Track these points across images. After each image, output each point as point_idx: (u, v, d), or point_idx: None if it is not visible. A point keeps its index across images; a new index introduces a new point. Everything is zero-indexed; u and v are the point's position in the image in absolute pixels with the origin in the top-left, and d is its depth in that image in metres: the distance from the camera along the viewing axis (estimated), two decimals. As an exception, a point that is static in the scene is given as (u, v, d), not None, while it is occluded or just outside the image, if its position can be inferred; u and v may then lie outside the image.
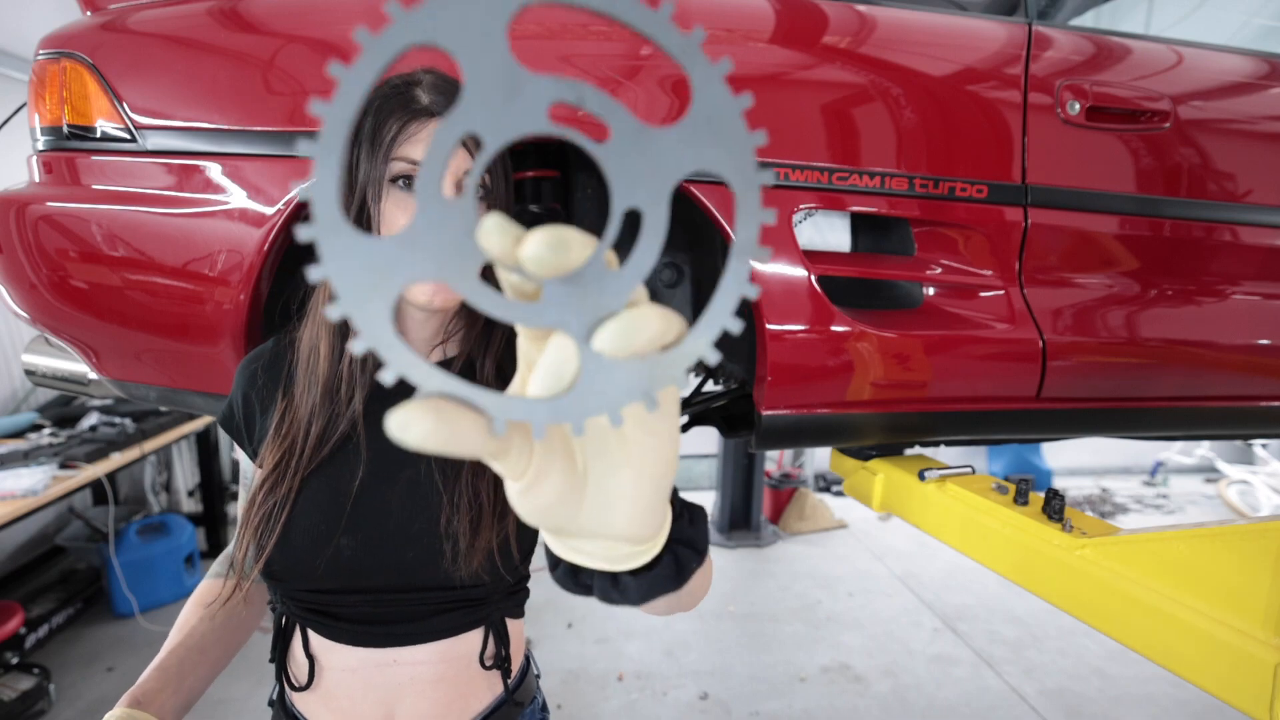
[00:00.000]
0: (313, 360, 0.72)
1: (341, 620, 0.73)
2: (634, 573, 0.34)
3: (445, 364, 0.77)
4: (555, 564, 0.36)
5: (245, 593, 0.78)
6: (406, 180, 0.67)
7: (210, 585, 0.81)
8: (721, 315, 0.22)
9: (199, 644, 0.75)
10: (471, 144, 0.67)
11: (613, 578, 0.34)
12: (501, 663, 0.77)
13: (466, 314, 0.77)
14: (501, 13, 0.19)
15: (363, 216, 0.68)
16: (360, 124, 0.68)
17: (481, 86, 0.19)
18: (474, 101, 0.19)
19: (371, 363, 0.72)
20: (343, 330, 0.71)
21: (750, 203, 0.22)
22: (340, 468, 0.72)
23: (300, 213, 0.94)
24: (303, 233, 0.19)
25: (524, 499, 0.26)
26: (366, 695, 0.73)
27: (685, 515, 0.38)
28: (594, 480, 0.27)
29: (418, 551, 0.71)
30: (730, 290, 0.22)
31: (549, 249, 0.20)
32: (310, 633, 0.75)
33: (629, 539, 0.29)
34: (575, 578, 0.35)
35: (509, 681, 0.78)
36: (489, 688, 0.77)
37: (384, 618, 0.72)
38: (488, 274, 0.52)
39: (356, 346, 0.20)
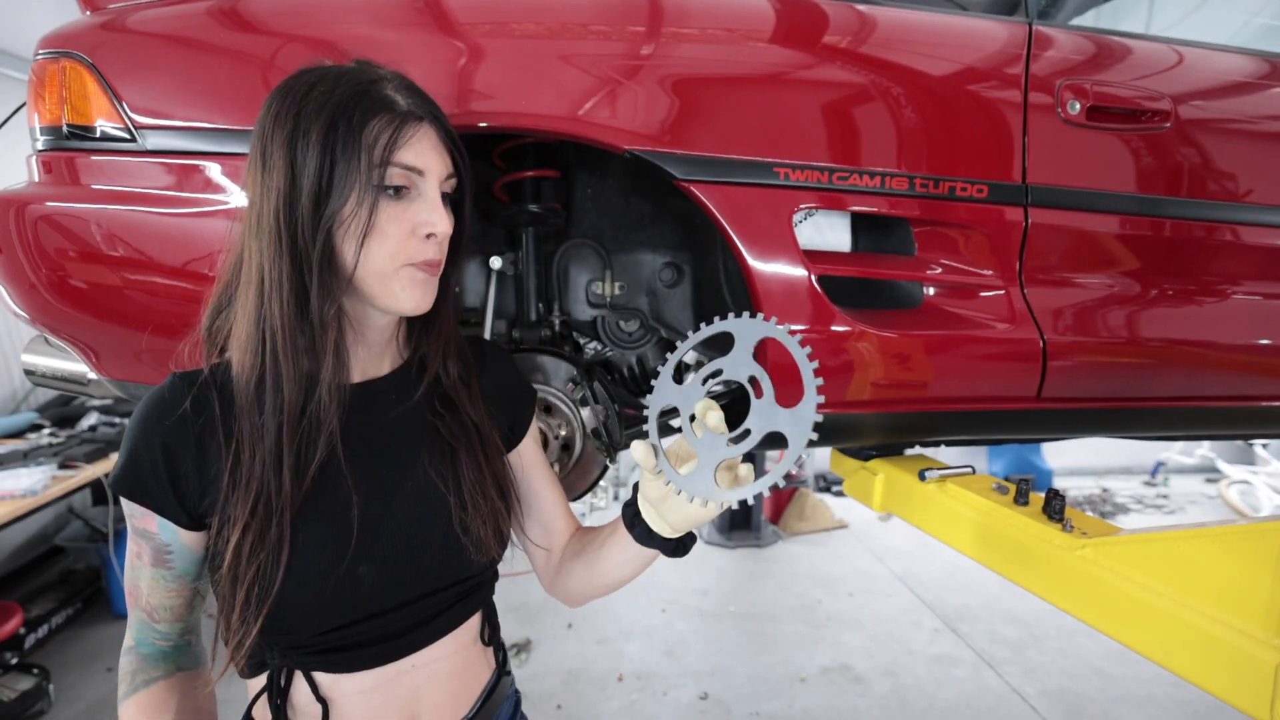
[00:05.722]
0: (274, 385, 0.62)
1: (355, 649, 0.69)
2: (671, 541, 0.72)
3: (404, 368, 0.76)
4: (632, 524, 0.72)
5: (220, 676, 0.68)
6: (395, 190, 0.63)
7: (147, 696, 0.68)
8: (777, 474, 0.51)
9: None
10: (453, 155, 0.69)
11: (663, 540, 0.71)
12: (495, 635, 0.81)
13: (421, 317, 0.72)
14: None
15: (330, 223, 0.61)
16: (331, 124, 0.60)
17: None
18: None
19: (345, 386, 0.67)
20: (302, 338, 0.62)
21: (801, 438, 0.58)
22: (331, 499, 0.66)
23: None
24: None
25: (663, 497, 0.69)
26: (388, 708, 0.71)
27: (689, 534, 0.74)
28: (674, 504, 0.68)
29: (434, 554, 0.70)
30: (791, 457, 0.54)
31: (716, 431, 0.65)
32: (316, 675, 0.69)
33: (674, 529, 0.70)
34: (648, 538, 0.71)
35: (500, 655, 0.83)
36: (487, 664, 0.80)
37: (398, 631, 0.71)
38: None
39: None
